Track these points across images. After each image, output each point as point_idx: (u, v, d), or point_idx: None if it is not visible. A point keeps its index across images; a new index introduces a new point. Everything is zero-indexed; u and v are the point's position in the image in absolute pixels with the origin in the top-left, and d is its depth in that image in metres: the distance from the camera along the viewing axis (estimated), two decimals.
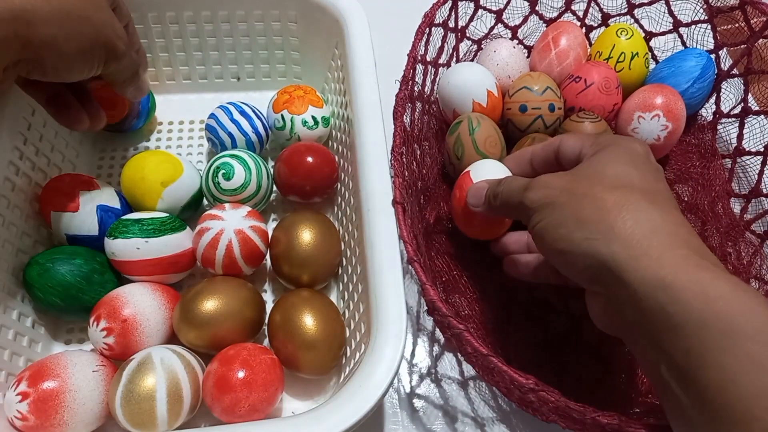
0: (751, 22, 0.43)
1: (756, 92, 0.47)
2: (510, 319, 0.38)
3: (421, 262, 0.29)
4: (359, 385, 0.27)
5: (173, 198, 0.38)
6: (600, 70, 0.44)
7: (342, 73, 0.42)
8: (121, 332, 0.32)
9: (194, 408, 0.32)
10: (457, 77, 0.43)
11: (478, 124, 0.40)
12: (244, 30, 0.46)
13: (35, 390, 0.29)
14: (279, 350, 0.34)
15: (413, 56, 0.38)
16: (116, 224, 0.35)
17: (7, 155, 0.35)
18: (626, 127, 0.43)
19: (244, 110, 0.43)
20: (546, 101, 0.42)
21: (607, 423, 0.25)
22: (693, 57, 0.45)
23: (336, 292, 0.40)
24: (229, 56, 0.48)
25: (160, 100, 0.49)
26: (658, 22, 0.49)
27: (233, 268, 0.36)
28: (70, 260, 0.34)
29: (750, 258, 0.41)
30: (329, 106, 0.45)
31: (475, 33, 0.48)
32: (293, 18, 0.46)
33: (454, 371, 0.38)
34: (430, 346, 0.39)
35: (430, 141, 0.44)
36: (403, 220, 0.31)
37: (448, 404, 0.37)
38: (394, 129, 0.35)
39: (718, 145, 0.47)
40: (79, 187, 0.36)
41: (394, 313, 0.29)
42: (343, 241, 0.39)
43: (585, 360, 0.37)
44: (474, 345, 0.26)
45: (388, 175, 0.34)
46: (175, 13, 0.45)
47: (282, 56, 0.49)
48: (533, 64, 0.48)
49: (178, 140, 0.48)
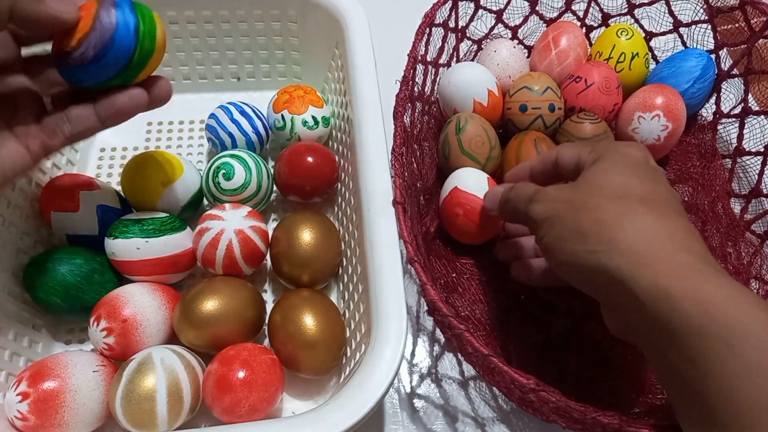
0: (751, 22, 0.43)
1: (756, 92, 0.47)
2: (510, 319, 0.38)
3: (421, 262, 0.29)
4: (359, 385, 0.27)
5: (173, 198, 0.38)
6: (600, 70, 0.44)
7: (342, 73, 0.42)
8: (121, 332, 0.32)
9: (194, 408, 0.32)
10: (458, 76, 0.43)
11: (465, 123, 0.40)
12: (244, 30, 0.46)
13: (35, 390, 0.29)
14: (279, 350, 0.34)
15: (413, 56, 0.38)
16: (116, 224, 0.35)
17: None
18: (626, 127, 0.43)
19: (244, 110, 0.43)
20: (546, 101, 0.42)
21: (608, 423, 0.25)
22: (693, 57, 0.45)
23: (336, 292, 0.40)
24: (229, 56, 0.48)
25: None
26: (659, 22, 0.49)
27: (233, 268, 0.36)
28: (71, 260, 0.34)
29: (750, 258, 0.41)
30: (329, 106, 0.45)
31: (475, 33, 0.48)
32: (293, 18, 0.46)
33: (455, 371, 0.38)
34: (430, 346, 0.39)
35: (430, 141, 0.44)
36: (404, 220, 0.31)
37: (448, 404, 0.37)
38: (395, 129, 0.35)
39: (718, 145, 0.47)
40: (80, 187, 0.36)
41: (394, 313, 0.29)
42: (343, 241, 0.39)
43: (585, 360, 0.37)
44: (474, 345, 0.26)
45: (389, 175, 0.34)
46: (176, 13, 0.45)
47: (282, 56, 0.49)
48: (533, 64, 0.48)
49: (178, 140, 0.48)
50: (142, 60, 0.27)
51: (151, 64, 0.28)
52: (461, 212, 0.38)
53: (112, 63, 0.26)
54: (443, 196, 0.39)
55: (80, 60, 0.26)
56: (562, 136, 0.43)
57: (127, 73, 0.27)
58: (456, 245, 0.41)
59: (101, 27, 0.25)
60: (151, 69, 0.29)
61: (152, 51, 0.28)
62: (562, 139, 0.43)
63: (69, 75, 0.27)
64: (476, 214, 0.38)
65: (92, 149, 0.46)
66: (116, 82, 0.28)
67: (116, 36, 0.26)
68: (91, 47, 0.25)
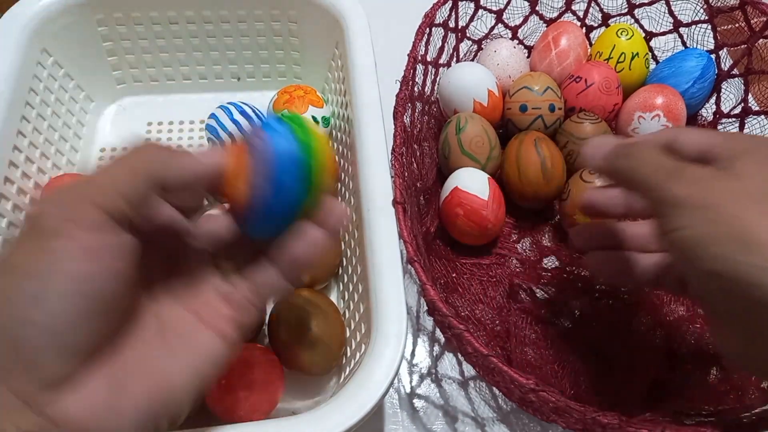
0: (751, 22, 0.43)
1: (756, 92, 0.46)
2: (510, 319, 0.38)
3: (421, 262, 0.29)
4: (359, 385, 0.27)
5: None
6: (600, 70, 0.44)
7: (342, 73, 0.42)
8: None
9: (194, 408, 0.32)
10: (458, 76, 0.43)
11: (465, 123, 0.40)
12: (244, 30, 0.46)
13: None
14: (279, 350, 0.33)
15: (413, 56, 0.38)
16: None
17: (8, 155, 0.35)
18: (626, 127, 0.43)
19: (244, 110, 0.43)
20: (546, 101, 0.42)
21: (608, 423, 0.25)
22: (693, 57, 0.45)
23: (336, 292, 0.40)
24: (229, 56, 0.48)
25: (159, 101, 0.49)
26: (659, 22, 0.48)
27: None
28: None
29: None
30: (329, 106, 0.45)
31: (475, 33, 0.48)
32: (293, 18, 0.46)
33: (454, 371, 0.38)
34: (430, 346, 0.39)
35: (430, 141, 0.44)
36: (404, 220, 0.31)
37: (448, 404, 0.37)
38: (394, 129, 0.35)
39: None
40: None
41: (394, 313, 0.29)
42: (343, 241, 0.39)
43: (585, 360, 0.37)
44: (474, 345, 0.26)
45: (388, 175, 0.34)
46: (176, 13, 0.45)
47: (282, 56, 0.49)
48: (533, 64, 0.48)
49: (178, 140, 0.48)
50: (314, 184, 0.21)
51: (324, 185, 0.22)
52: (462, 212, 0.38)
53: (284, 199, 0.21)
54: (444, 196, 0.39)
55: (251, 209, 0.21)
56: (562, 136, 0.43)
57: (302, 204, 0.22)
58: (456, 245, 0.41)
59: (257, 162, 0.21)
60: (324, 191, 0.23)
61: (322, 167, 0.21)
62: (562, 139, 0.43)
63: (249, 230, 0.22)
64: (477, 214, 0.38)
65: (92, 149, 0.46)
66: (296, 219, 0.22)
67: (277, 165, 0.20)
68: (255, 188, 0.21)
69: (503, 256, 0.42)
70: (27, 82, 0.38)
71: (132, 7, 0.44)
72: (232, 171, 0.21)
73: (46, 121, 0.40)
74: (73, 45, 0.43)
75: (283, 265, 0.23)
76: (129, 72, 0.48)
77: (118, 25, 0.44)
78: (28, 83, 0.38)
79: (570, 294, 0.40)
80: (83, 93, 0.46)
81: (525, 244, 0.43)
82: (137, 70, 0.48)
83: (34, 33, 0.40)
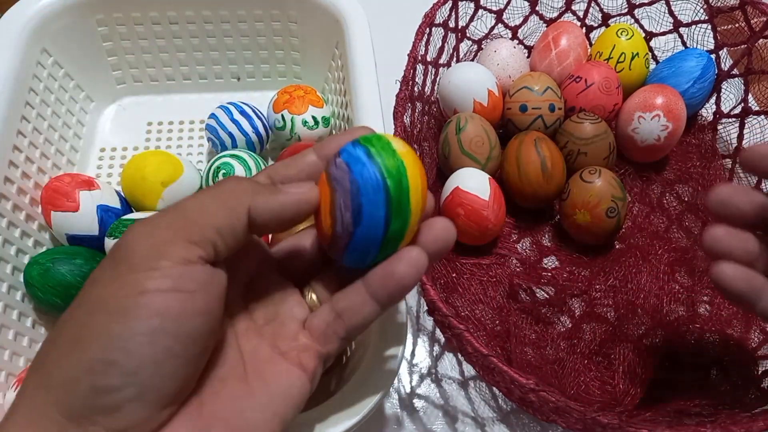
0: (751, 22, 0.43)
1: (756, 92, 0.46)
2: (510, 319, 0.38)
3: None
4: (359, 385, 0.27)
5: (173, 198, 0.38)
6: (600, 70, 0.44)
7: (342, 73, 0.42)
8: None
9: None
10: (458, 76, 0.43)
11: (465, 123, 0.40)
12: (244, 30, 0.46)
13: None
14: None
15: (413, 56, 0.38)
16: (116, 224, 0.35)
17: (8, 155, 0.35)
18: (626, 127, 0.43)
19: (244, 110, 0.43)
20: (546, 101, 0.42)
21: (608, 423, 0.25)
22: (693, 57, 0.45)
23: None
24: (229, 56, 0.48)
25: (159, 101, 0.49)
26: (659, 22, 0.48)
27: None
28: (71, 260, 0.34)
29: None
30: (329, 106, 0.45)
31: (475, 33, 0.48)
32: (293, 18, 0.46)
33: (454, 371, 0.38)
34: (430, 346, 0.39)
35: (430, 141, 0.44)
36: None
37: (448, 404, 0.37)
38: (394, 129, 0.35)
39: (718, 145, 0.47)
40: (80, 187, 0.36)
41: (394, 313, 0.29)
42: None
43: (585, 359, 0.37)
44: (474, 345, 0.26)
45: None
46: (176, 13, 0.45)
47: (282, 56, 0.49)
48: (533, 64, 0.48)
49: (178, 140, 0.48)
50: (402, 208, 0.20)
51: (416, 205, 0.21)
52: (462, 212, 0.38)
53: (372, 229, 0.20)
54: (445, 196, 0.39)
55: (339, 241, 0.20)
56: (562, 136, 0.43)
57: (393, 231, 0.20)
58: (456, 245, 0.41)
59: (339, 194, 0.20)
60: (418, 211, 0.21)
61: (408, 188, 0.20)
62: (562, 139, 0.43)
63: (340, 260, 0.21)
64: (477, 214, 0.38)
65: (92, 149, 0.46)
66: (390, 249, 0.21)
67: (361, 196, 0.19)
68: (341, 213, 0.20)
69: (503, 256, 0.42)
70: (27, 82, 0.38)
71: (132, 7, 0.44)
72: (315, 201, 0.21)
73: (46, 121, 0.40)
74: (73, 45, 0.43)
75: (373, 287, 0.20)
76: (129, 72, 0.48)
77: (118, 25, 0.45)
78: (27, 83, 0.39)
79: (570, 294, 0.40)
80: (83, 93, 0.46)
81: (525, 244, 0.43)
82: (137, 70, 0.48)
83: (33, 33, 0.40)
